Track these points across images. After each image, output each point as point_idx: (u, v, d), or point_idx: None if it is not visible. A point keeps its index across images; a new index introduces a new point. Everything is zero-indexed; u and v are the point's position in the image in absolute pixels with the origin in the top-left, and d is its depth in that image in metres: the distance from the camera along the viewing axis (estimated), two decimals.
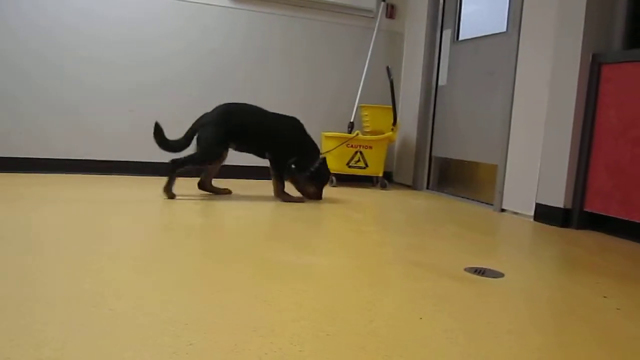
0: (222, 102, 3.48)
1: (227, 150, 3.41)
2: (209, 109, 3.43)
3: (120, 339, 1.21)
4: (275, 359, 1.15)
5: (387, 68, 4.57)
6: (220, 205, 3.18)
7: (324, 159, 3.64)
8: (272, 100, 4.55)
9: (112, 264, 1.82)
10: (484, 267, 2.12)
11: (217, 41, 4.45)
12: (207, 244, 2.20)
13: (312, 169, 3.56)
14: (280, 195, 3.53)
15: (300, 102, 4.71)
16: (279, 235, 2.49)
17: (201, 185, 3.58)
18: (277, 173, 3.52)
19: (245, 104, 3.55)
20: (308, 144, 3.62)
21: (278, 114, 3.61)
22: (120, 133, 4.25)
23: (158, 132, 3.28)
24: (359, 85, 4.81)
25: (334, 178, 4.45)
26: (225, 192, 3.65)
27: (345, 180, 4.74)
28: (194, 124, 3.39)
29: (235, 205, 3.25)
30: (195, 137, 3.36)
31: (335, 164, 4.47)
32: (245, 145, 3.51)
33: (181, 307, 1.43)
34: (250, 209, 3.13)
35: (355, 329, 1.36)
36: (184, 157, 3.29)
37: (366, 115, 4.67)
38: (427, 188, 4.79)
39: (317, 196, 3.65)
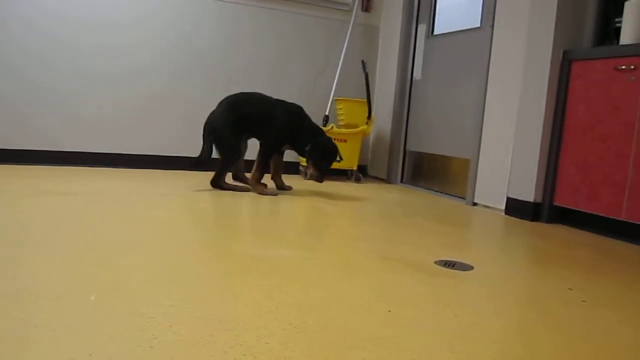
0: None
1: (244, 142, 3.56)
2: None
3: (84, 333, 1.18)
4: (240, 353, 1.15)
5: (362, 62, 4.58)
6: (192, 197, 3.15)
7: (323, 138, 3.54)
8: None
9: (79, 257, 1.79)
10: (454, 260, 2.14)
11: (188, 32, 4.39)
12: (175, 237, 2.18)
13: (307, 149, 3.50)
14: (254, 184, 3.51)
15: (274, 94, 4.67)
16: (250, 228, 2.47)
17: (235, 177, 3.67)
18: (259, 160, 3.50)
19: (246, 93, 3.59)
20: (304, 130, 3.53)
21: (279, 101, 3.60)
22: (94, 123, 4.18)
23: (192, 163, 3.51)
24: (334, 78, 4.81)
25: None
26: (245, 188, 3.58)
27: None
28: (204, 130, 3.47)
29: (206, 196, 3.22)
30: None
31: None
32: (252, 133, 3.55)
33: (146, 301, 1.41)
34: (222, 201, 3.11)
35: (323, 321, 1.36)
36: (218, 171, 3.48)
37: (341, 108, 4.67)
38: (401, 182, 4.81)
39: (316, 177, 3.57)
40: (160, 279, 1.61)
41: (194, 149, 4.19)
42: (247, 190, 3.53)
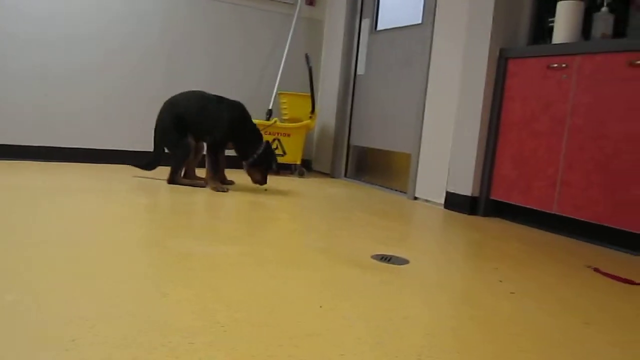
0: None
1: (192, 139, 3.50)
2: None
3: None
4: (163, 352, 1.11)
5: (306, 55, 4.56)
6: (134, 194, 3.05)
7: (268, 143, 3.56)
8: (190, 86, 4.42)
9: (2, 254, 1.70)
10: (390, 254, 2.16)
11: (131, 26, 4.26)
12: (107, 234, 2.10)
13: (255, 156, 3.49)
14: (209, 181, 3.48)
15: (217, 88, 4.60)
16: (188, 225, 2.42)
17: (185, 175, 3.63)
18: (209, 159, 3.47)
19: (188, 92, 3.57)
20: (247, 130, 3.53)
21: (220, 98, 3.54)
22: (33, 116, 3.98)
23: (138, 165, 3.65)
24: (278, 72, 4.77)
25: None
26: (200, 184, 3.55)
27: None
28: (154, 131, 3.54)
29: (149, 193, 3.13)
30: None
31: None
32: (196, 133, 3.50)
33: (67, 301, 1.35)
34: (163, 198, 3.03)
35: (253, 319, 1.34)
36: (171, 168, 3.51)
37: (284, 102, 4.64)
38: (345, 176, 4.83)
39: (261, 182, 3.57)
40: (84, 278, 1.54)
41: (141, 145, 4.10)
42: (203, 186, 3.50)
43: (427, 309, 1.54)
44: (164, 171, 3.69)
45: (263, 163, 3.54)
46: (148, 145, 3.66)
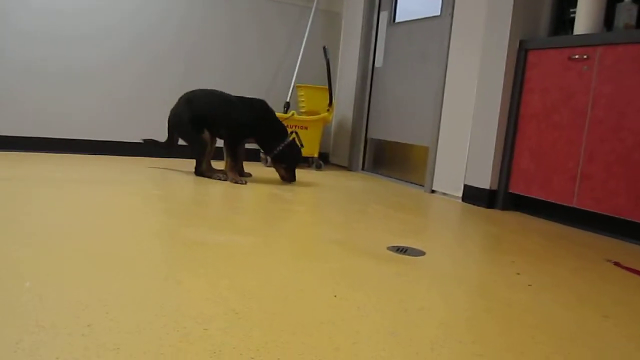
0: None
1: (209, 133, 3.52)
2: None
3: (12, 321, 1.14)
4: (176, 338, 1.12)
5: (324, 48, 4.55)
6: (148, 184, 3.08)
7: (292, 140, 3.59)
8: (208, 81, 4.44)
9: (18, 243, 1.72)
10: (406, 246, 2.15)
11: (146, 23, 4.28)
12: (123, 224, 2.12)
13: (275, 152, 3.52)
14: (229, 172, 3.50)
15: (234, 81, 4.61)
16: (203, 215, 2.43)
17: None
18: (228, 151, 3.50)
19: (206, 91, 3.60)
20: (270, 125, 3.55)
21: (241, 97, 3.59)
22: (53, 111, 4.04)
23: (151, 142, 3.74)
24: (296, 64, 4.76)
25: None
26: (221, 177, 3.54)
27: None
28: (168, 125, 3.60)
29: (163, 184, 3.15)
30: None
31: None
32: (212, 130, 3.54)
33: (84, 288, 1.37)
34: (179, 189, 3.06)
35: (266, 307, 1.34)
36: (195, 161, 3.57)
37: (302, 95, 4.64)
38: (362, 169, 4.82)
39: (288, 178, 3.60)
40: (101, 266, 1.56)
41: (153, 136, 4.11)
42: (225, 179, 3.51)
43: (442, 300, 1.53)
44: (179, 163, 3.73)
45: (285, 160, 3.56)
46: (161, 138, 3.70)
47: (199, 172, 3.56)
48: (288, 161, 3.58)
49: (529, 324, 1.40)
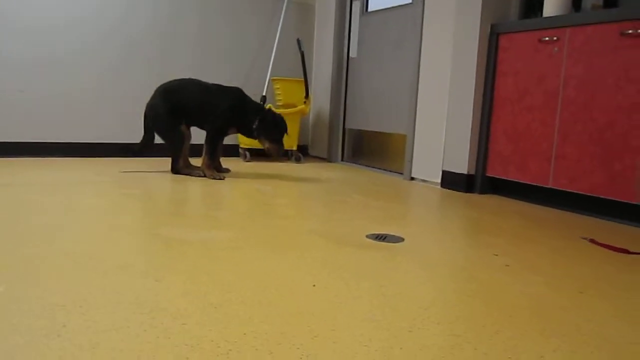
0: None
1: (185, 126, 3.47)
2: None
3: None
4: (154, 334, 1.11)
5: (298, 40, 4.53)
6: (124, 184, 3.05)
7: (269, 109, 3.50)
8: (180, 74, 4.41)
9: None
10: (386, 233, 2.16)
11: (119, 11, 4.23)
12: (100, 223, 2.10)
13: (254, 127, 3.46)
14: (206, 169, 3.46)
15: (208, 76, 4.58)
16: (182, 212, 2.42)
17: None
18: (207, 146, 3.45)
19: (183, 80, 3.53)
20: (248, 110, 3.49)
21: (218, 85, 3.53)
22: (16, 110, 3.97)
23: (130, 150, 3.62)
24: (270, 58, 4.74)
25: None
26: (199, 173, 3.51)
27: (260, 154, 4.70)
28: (145, 118, 3.50)
29: (140, 183, 3.13)
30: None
31: (248, 139, 4.40)
32: (192, 121, 3.50)
33: (60, 289, 1.35)
34: (156, 187, 3.03)
35: (245, 299, 1.34)
36: (172, 158, 3.51)
37: (278, 88, 4.62)
38: (342, 160, 4.83)
39: (276, 151, 3.52)
40: (77, 266, 1.55)
41: (126, 136, 4.08)
42: (203, 175, 3.47)
43: (420, 284, 1.55)
44: (154, 162, 3.70)
45: (267, 130, 3.47)
46: (135, 136, 3.63)
47: (175, 169, 3.51)
48: (270, 131, 3.48)
49: (506, 303, 1.42)
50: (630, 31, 2.51)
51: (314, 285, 1.48)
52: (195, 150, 3.67)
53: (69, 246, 1.75)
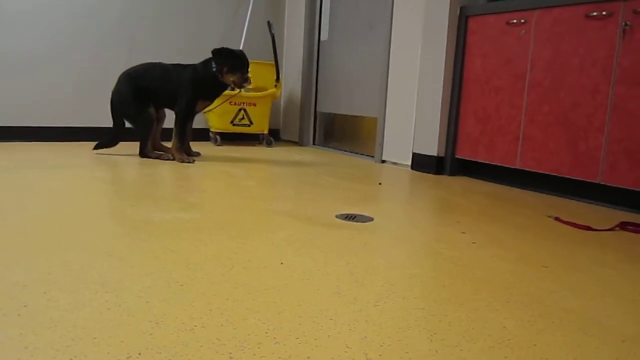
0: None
1: (153, 109, 3.45)
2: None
3: None
4: (118, 313, 1.10)
5: (268, 23, 4.49)
6: (92, 168, 2.99)
7: (216, 50, 3.45)
8: (149, 58, 4.32)
9: None
10: (355, 213, 2.17)
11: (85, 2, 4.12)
12: (66, 206, 2.06)
13: (214, 69, 3.40)
14: (175, 152, 3.44)
15: (177, 59, 4.50)
16: (148, 195, 2.38)
17: (152, 146, 3.55)
18: (176, 129, 3.43)
19: (146, 64, 3.52)
20: (206, 77, 3.44)
21: (177, 65, 3.51)
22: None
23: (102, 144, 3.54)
24: (241, 40, 4.69)
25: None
26: (169, 157, 3.48)
27: (231, 138, 4.66)
28: (111, 105, 3.45)
29: (108, 167, 3.07)
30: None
31: (219, 123, 4.37)
32: (160, 103, 3.50)
33: (21, 270, 1.32)
34: (124, 171, 2.98)
35: (212, 277, 1.33)
36: (140, 142, 3.47)
37: (249, 72, 4.57)
38: (314, 144, 4.82)
39: (240, 81, 3.47)
40: (42, 247, 1.51)
41: (89, 119, 4.00)
42: (172, 159, 3.44)
43: (387, 261, 1.56)
44: (127, 146, 3.64)
45: (225, 65, 3.41)
46: (109, 121, 3.57)
47: (143, 153, 3.47)
48: (230, 63, 3.42)
49: (471, 278, 1.44)
50: (594, 13, 2.55)
51: (282, 263, 1.47)
52: (167, 134, 3.62)
53: (32, 227, 1.71)
